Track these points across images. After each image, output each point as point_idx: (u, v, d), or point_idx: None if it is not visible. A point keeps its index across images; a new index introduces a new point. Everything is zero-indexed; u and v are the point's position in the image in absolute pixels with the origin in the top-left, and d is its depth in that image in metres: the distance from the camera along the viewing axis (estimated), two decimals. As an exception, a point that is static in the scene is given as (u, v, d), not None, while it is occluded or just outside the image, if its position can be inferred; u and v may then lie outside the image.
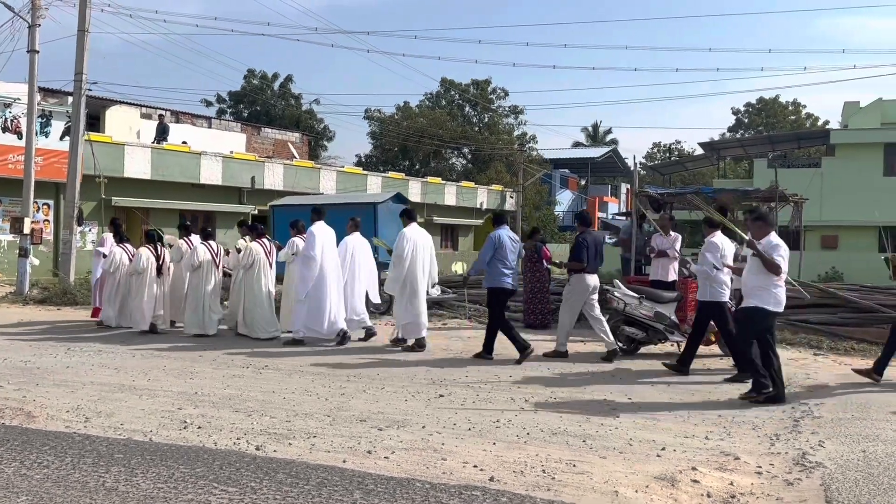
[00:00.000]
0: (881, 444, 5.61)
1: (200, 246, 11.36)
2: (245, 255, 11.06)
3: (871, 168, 29.86)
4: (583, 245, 9.33)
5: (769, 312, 7.12)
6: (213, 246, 11.43)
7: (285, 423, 6.12)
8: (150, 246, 11.70)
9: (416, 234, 10.09)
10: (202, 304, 11.18)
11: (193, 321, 11.20)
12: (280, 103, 49.85)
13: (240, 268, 11.20)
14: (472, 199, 34.86)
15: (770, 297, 7.09)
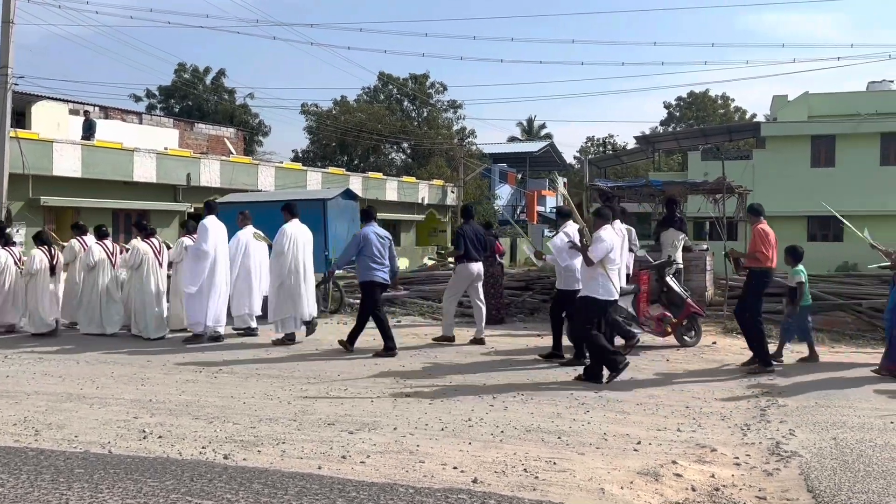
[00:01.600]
0: (849, 431, 5.72)
1: (95, 245, 11.46)
2: (133, 255, 10.97)
3: (799, 160, 30.91)
4: (462, 236, 9.97)
5: (598, 301, 7.56)
6: (109, 245, 11.56)
7: (250, 429, 5.88)
8: (43, 248, 11.51)
9: (296, 229, 10.35)
10: (99, 303, 11.23)
11: (90, 320, 11.23)
12: (213, 98, 48.64)
13: (128, 268, 11.15)
14: (413, 194, 34.69)
15: (598, 286, 7.55)
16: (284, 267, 10.13)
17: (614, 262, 7.69)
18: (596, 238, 7.63)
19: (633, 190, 12.37)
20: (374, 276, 9.44)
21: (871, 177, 29.41)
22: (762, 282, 8.20)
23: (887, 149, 30.20)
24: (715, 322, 11.24)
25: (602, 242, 7.55)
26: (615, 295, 7.68)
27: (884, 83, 33.01)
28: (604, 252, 7.51)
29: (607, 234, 7.65)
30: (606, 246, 7.52)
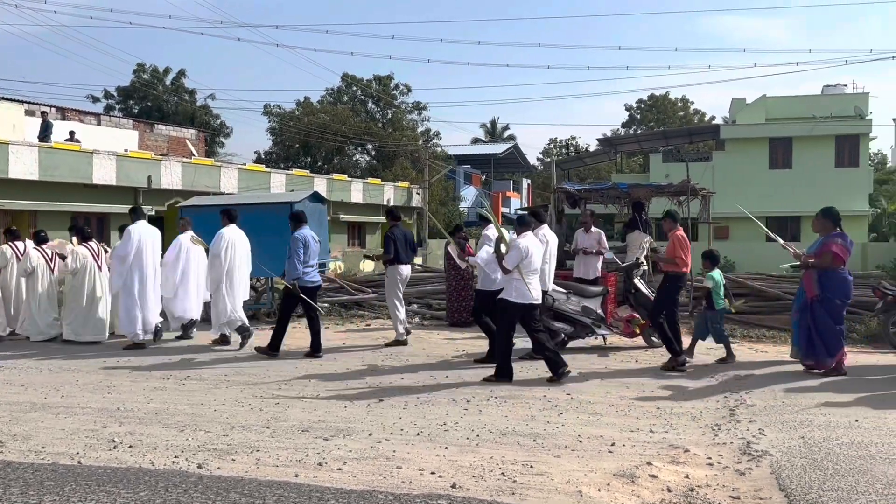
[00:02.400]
0: (816, 430, 5.84)
1: (33, 251, 11.36)
2: (72, 259, 10.92)
3: (757, 161, 31.54)
4: (391, 239, 10.17)
5: (514, 304, 7.79)
6: (48, 250, 11.47)
7: (223, 437, 5.81)
8: None
9: (234, 234, 10.46)
10: (40, 309, 11.19)
11: (35, 328, 11.16)
12: (173, 99, 47.93)
13: (68, 272, 11.08)
14: (378, 196, 34.57)
15: (513, 290, 7.80)
16: (221, 271, 10.26)
17: (531, 268, 7.87)
18: (513, 245, 7.87)
19: (600, 192, 12.50)
20: (305, 281, 9.54)
21: (827, 178, 30.13)
22: (676, 286, 8.46)
23: (841, 151, 30.97)
24: (684, 324, 11.37)
25: (517, 250, 7.78)
26: (531, 299, 7.88)
27: (838, 87, 33.82)
28: (517, 259, 7.73)
29: (524, 242, 7.87)
30: (520, 253, 7.75)
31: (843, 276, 7.98)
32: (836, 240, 7.98)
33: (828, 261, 7.93)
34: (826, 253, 7.94)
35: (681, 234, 8.51)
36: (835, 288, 7.94)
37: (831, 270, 7.95)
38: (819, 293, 7.97)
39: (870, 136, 32.17)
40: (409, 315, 13.12)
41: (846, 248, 7.96)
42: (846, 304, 8.07)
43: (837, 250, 7.89)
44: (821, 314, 7.95)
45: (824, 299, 7.95)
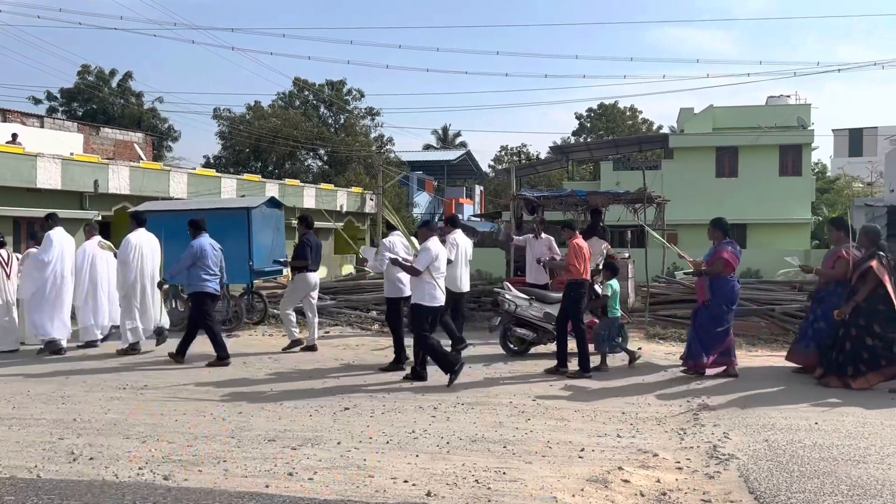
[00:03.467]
0: (779, 433, 5.97)
1: None
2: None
3: (704, 170, 32.22)
4: (306, 245, 10.26)
5: (425, 307, 8.00)
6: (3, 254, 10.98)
7: (187, 447, 5.67)
8: None
9: (142, 239, 10.42)
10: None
11: None
12: (119, 101, 46.83)
13: None
14: (331, 201, 34.28)
15: (425, 294, 8.00)
16: (130, 277, 10.21)
17: (440, 270, 8.11)
18: (422, 248, 8.05)
19: (559, 199, 12.62)
20: (205, 287, 9.47)
21: (771, 186, 30.96)
22: (578, 292, 8.64)
23: (785, 160, 31.86)
24: (638, 328, 11.55)
25: (427, 252, 7.97)
26: (441, 301, 8.14)
27: (782, 98, 34.84)
28: (428, 261, 7.93)
29: (433, 245, 8.07)
30: (431, 255, 7.95)
31: (731, 284, 8.27)
32: (726, 247, 8.25)
33: (720, 268, 8.18)
34: (718, 260, 8.19)
35: (577, 243, 8.73)
36: (724, 294, 8.20)
37: (722, 277, 8.18)
38: (709, 298, 8.18)
39: (812, 146, 33.15)
40: (370, 322, 13.04)
41: (736, 256, 8.24)
42: (732, 309, 8.37)
43: (728, 257, 8.15)
44: (706, 318, 8.23)
45: (713, 304, 8.22)
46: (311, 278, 10.49)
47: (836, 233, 8.40)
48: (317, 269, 10.65)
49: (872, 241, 7.99)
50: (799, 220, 30.70)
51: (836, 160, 50.57)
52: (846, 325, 7.75)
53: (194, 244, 9.53)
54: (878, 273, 7.61)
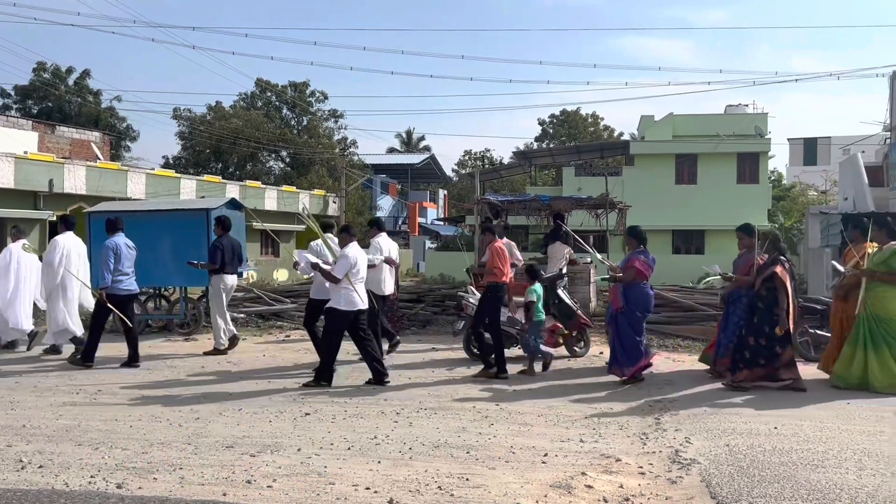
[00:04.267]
0: (740, 437, 6.02)
1: None
2: None
3: (664, 176, 32.66)
4: (218, 248, 10.29)
5: (343, 311, 8.02)
6: None
7: (142, 454, 5.51)
8: None
9: (69, 241, 10.35)
10: None
11: None
12: (76, 99, 45.84)
13: None
14: (293, 203, 33.97)
15: (341, 298, 8.02)
16: (55, 279, 10.10)
17: (358, 276, 8.14)
18: (341, 255, 8.07)
19: (522, 204, 12.64)
20: (116, 289, 9.33)
21: (729, 194, 31.47)
22: (497, 295, 8.69)
23: (743, 168, 32.44)
24: (600, 333, 11.59)
25: (346, 259, 8.00)
26: (359, 305, 8.13)
27: (740, 107, 35.46)
28: (347, 268, 7.96)
29: (352, 251, 8.11)
30: (350, 262, 7.99)
31: (645, 291, 8.40)
32: (638, 256, 8.38)
33: (631, 276, 8.31)
34: (629, 269, 8.33)
35: (499, 246, 8.77)
36: (637, 301, 8.33)
37: (635, 284, 8.32)
38: (623, 306, 8.31)
39: (768, 154, 33.82)
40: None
41: (648, 265, 8.37)
42: (646, 316, 8.52)
43: (640, 266, 8.28)
44: (623, 325, 8.34)
45: (627, 311, 8.34)
46: (228, 280, 10.52)
47: (746, 239, 8.55)
48: (234, 271, 10.70)
49: (775, 246, 8.20)
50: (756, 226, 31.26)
51: (792, 168, 51.62)
52: (749, 327, 7.98)
53: (108, 243, 9.38)
54: (782, 277, 7.86)
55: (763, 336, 7.88)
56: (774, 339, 7.85)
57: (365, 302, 8.24)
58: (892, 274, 7.88)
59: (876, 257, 8.05)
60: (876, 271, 7.95)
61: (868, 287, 7.96)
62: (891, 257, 7.92)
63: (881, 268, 7.94)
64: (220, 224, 10.74)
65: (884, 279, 7.90)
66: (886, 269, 7.91)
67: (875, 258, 8.04)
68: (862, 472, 5.13)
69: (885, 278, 7.89)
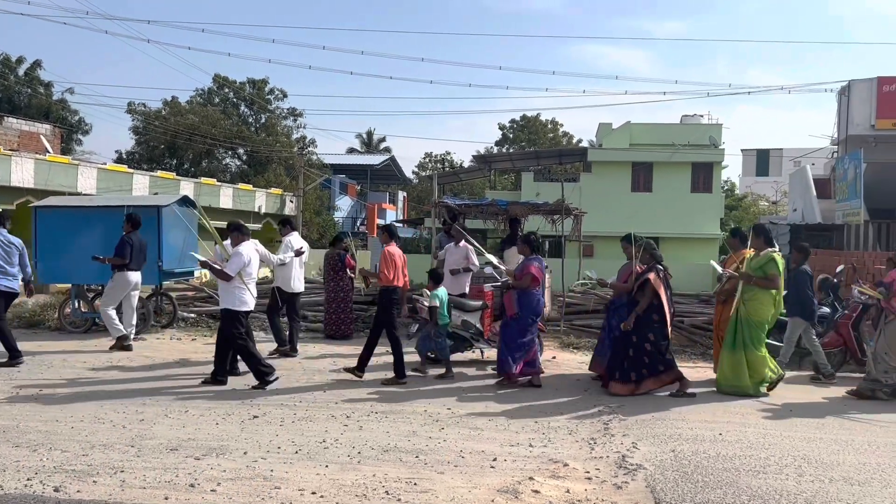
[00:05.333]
0: (685, 443, 6.10)
1: None
2: None
3: (621, 184, 33.08)
4: (127, 244, 10.33)
5: (237, 312, 8.06)
6: None
7: (82, 456, 5.37)
8: None
9: None
10: None
11: None
12: (25, 90, 44.65)
13: None
14: (249, 202, 33.59)
15: (235, 299, 8.05)
16: None
17: (251, 276, 8.16)
18: (234, 253, 8.10)
19: (480, 208, 12.67)
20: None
21: (683, 202, 32.02)
22: (390, 299, 8.77)
23: (697, 177, 33.01)
24: (553, 338, 11.69)
25: (239, 257, 8.01)
26: (250, 305, 8.19)
27: (695, 117, 36.08)
28: (239, 266, 7.98)
29: (244, 249, 8.13)
30: (243, 260, 8.01)
31: (537, 297, 8.58)
32: (533, 263, 8.57)
33: (527, 282, 8.47)
34: (526, 275, 8.49)
35: (389, 250, 8.83)
36: (530, 307, 8.50)
37: (529, 291, 8.49)
38: (517, 311, 8.48)
39: (722, 164, 34.46)
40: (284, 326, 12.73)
41: (541, 271, 8.57)
42: (536, 321, 8.69)
43: (535, 272, 8.46)
44: (514, 330, 8.49)
45: (521, 317, 8.49)
46: (132, 277, 10.54)
47: (629, 248, 8.75)
48: (138, 269, 10.70)
49: (651, 255, 8.44)
50: (709, 235, 31.83)
51: (744, 179, 52.79)
52: (629, 334, 8.16)
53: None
54: (655, 285, 8.10)
55: (649, 342, 8.09)
56: (661, 344, 8.08)
57: (253, 303, 8.27)
58: (766, 279, 8.20)
59: (753, 262, 8.40)
60: (752, 276, 8.28)
61: (744, 291, 8.30)
62: (767, 263, 8.26)
63: (757, 273, 8.28)
64: (129, 221, 10.70)
65: (759, 284, 8.22)
66: (762, 274, 8.24)
67: (752, 263, 8.40)
68: (801, 478, 5.25)
69: (761, 283, 8.22)
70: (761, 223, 8.62)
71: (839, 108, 21.01)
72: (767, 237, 8.53)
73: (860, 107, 19.44)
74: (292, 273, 10.12)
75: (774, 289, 8.21)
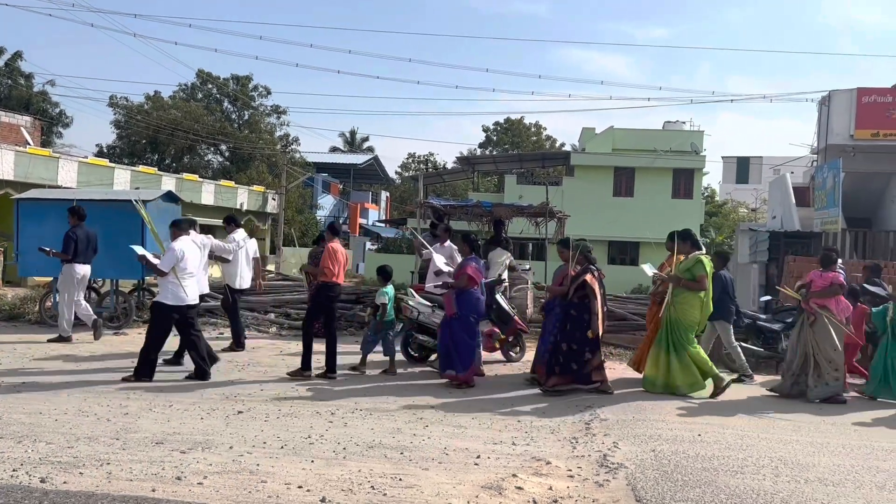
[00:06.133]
0: (665, 444, 6.21)
1: None
2: None
3: (603, 188, 33.33)
4: (72, 238, 10.46)
5: (168, 306, 8.15)
6: None
7: (67, 449, 5.38)
8: None
9: None
10: None
11: None
12: (5, 82, 44.13)
13: None
14: (231, 198, 33.42)
15: (168, 293, 8.16)
16: None
17: (186, 270, 8.23)
18: (168, 248, 8.24)
19: (464, 209, 12.76)
20: None
21: (664, 208, 32.30)
22: (326, 295, 8.90)
23: (678, 183, 33.33)
24: (535, 339, 11.76)
25: (172, 252, 8.13)
26: (187, 300, 8.23)
27: (678, 123, 36.43)
28: (172, 261, 8.08)
29: (179, 245, 8.23)
30: (176, 255, 8.11)
31: (476, 296, 8.71)
32: (471, 263, 8.72)
33: (464, 282, 8.61)
34: (462, 275, 8.64)
35: (332, 246, 8.96)
36: (470, 306, 8.64)
37: (467, 291, 8.62)
38: (457, 311, 8.60)
39: (703, 171, 34.83)
40: (267, 325, 12.75)
41: (478, 271, 8.72)
42: (478, 320, 8.82)
43: (472, 273, 8.61)
44: (458, 330, 8.61)
45: (461, 317, 8.62)
46: (80, 269, 10.61)
47: (564, 252, 8.92)
48: (87, 262, 10.75)
49: (586, 257, 8.65)
50: (689, 241, 32.10)
51: (725, 186, 53.27)
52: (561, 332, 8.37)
53: None
54: (592, 284, 8.31)
55: (575, 342, 8.25)
56: (585, 345, 8.25)
57: (194, 297, 8.37)
58: (694, 281, 8.43)
59: (681, 265, 8.64)
60: (681, 278, 8.51)
61: (674, 293, 8.54)
62: (694, 266, 8.51)
63: (685, 275, 8.52)
64: (74, 214, 10.77)
65: (688, 286, 8.46)
66: (690, 276, 8.48)
67: (681, 266, 8.64)
68: (778, 479, 5.37)
69: (689, 285, 8.45)
70: (688, 228, 8.85)
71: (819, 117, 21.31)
72: (694, 241, 8.80)
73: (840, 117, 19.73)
74: (238, 270, 10.36)
75: (702, 290, 8.46)
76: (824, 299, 8.60)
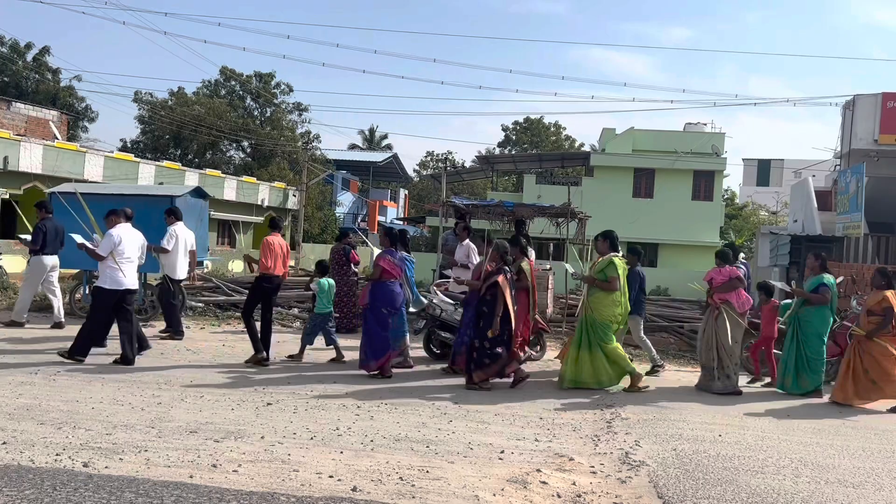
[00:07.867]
0: (686, 443, 6.32)
1: None
2: None
3: (622, 189, 33.31)
4: (40, 231, 10.87)
5: (106, 290, 8.60)
6: None
7: (105, 436, 5.57)
8: None
9: None
10: None
11: None
12: (33, 76, 44.77)
13: None
14: (253, 194, 33.78)
15: (107, 278, 8.60)
16: None
17: (124, 255, 8.68)
18: (106, 234, 8.70)
19: (486, 209, 12.88)
20: None
21: (684, 209, 32.26)
22: (261, 286, 9.25)
23: (698, 185, 33.24)
24: (556, 338, 11.90)
25: (109, 237, 8.61)
26: (125, 285, 8.67)
27: (699, 125, 36.32)
28: (110, 247, 8.54)
29: (116, 231, 8.69)
30: (113, 241, 8.57)
31: (390, 288, 8.82)
32: (385, 256, 8.84)
33: (377, 274, 8.78)
34: (376, 267, 8.82)
35: (269, 239, 9.20)
36: (383, 298, 8.75)
37: (382, 283, 8.75)
38: (369, 302, 8.75)
39: (723, 173, 34.71)
40: (291, 319, 12.95)
41: (394, 264, 8.83)
42: (392, 313, 8.88)
43: (385, 265, 8.74)
44: (371, 322, 8.74)
45: (374, 308, 8.74)
46: (46, 261, 11.00)
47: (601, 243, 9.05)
48: (54, 253, 11.13)
49: (501, 257, 8.72)
50: (708, 243, 32.04)
51: (745, 188, 53.05)
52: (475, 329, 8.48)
53: None
54: (503, 286, 8.39)
55: (486, 339, 8.34)
56: (496, 342, 8.34)
57: (133, 283, 8.78)
58: (606, 281, 8.60)
59: (596, 266, 8.83)
60: (594, 278, 8.69)
61: (589, 293, 8.72)
62: (607, 267, 8.67)
63: (599, 276, 8.68)
64: (42, 207, 11.16)
65: (600, 286, 8.62)
66: (603, 277, 8.64)
67: (596, 267, 8.83)
68: (798, 479, 5.46)
69: (601, 286, 8.62)
70: (610, 229, 9.00)
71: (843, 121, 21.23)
72: (613, 242, 8.99)
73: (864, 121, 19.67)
74: (177, 261, 10.91)
75: (614, 290, 8.60)
76: (726, 294, 8.87)
